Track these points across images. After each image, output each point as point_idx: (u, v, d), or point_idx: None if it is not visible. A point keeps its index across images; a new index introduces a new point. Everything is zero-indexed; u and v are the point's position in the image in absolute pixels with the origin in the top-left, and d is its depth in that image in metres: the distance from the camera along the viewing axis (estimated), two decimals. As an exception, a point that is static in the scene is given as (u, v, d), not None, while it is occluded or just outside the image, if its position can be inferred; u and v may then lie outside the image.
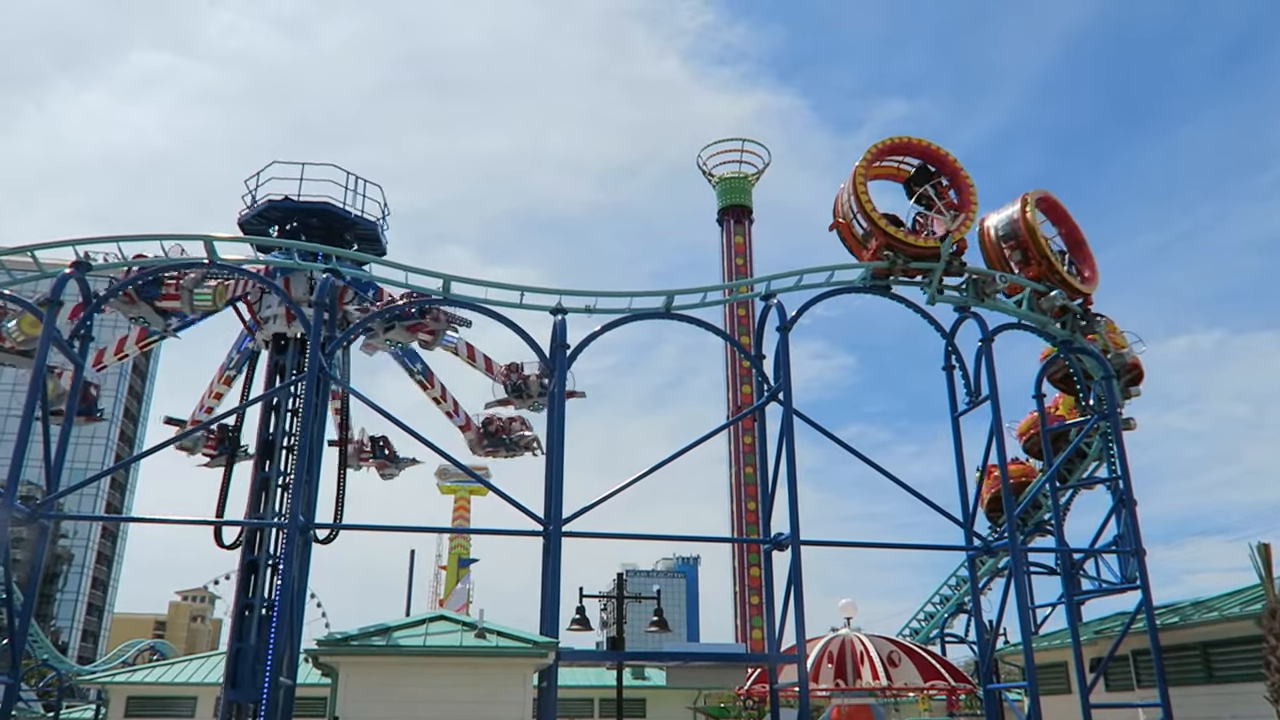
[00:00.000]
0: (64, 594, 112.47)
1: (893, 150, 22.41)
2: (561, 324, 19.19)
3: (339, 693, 14.65)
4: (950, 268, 21.24)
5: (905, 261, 21.09)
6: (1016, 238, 22.45)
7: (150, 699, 35.11)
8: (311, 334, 17.77)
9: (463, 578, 64.90)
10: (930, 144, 22.41)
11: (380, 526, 18.95)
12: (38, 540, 18.41)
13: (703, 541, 24.12)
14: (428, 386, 24.86)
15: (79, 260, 18.22)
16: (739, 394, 52.52)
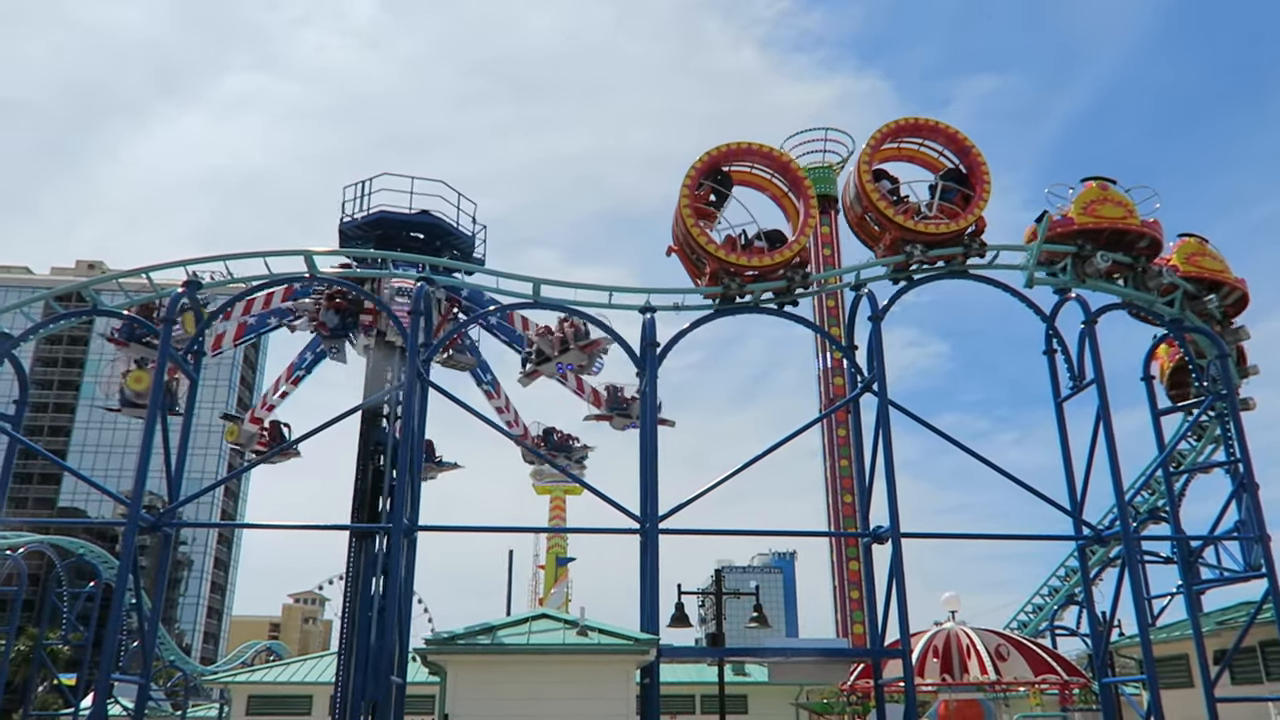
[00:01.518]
0: (185, 598, 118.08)
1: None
2: (650, 322, 19.27)
3: (448, 691, 15.01)
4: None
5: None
6: (860, 203, 20.72)
7: (269, 698, 36.63)
8: (409, 342, 18.24)
9: (561, 577, 65.72)
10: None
11: (480, 528, 19.35)
12: (162, 548, 19.40)
13: (800, 536, 24.04)
14: (494, 396, 25.41)
15: (190, 280, 19.06)
16: (831, 386, 51.83)
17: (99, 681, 16.77)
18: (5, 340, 18.76)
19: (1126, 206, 21.08)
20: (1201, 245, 22.52)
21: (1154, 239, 21.22)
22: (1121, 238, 21.02)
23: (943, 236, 20.09)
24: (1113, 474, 19.41)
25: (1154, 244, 21.29)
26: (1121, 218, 20.82)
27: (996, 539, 22.16)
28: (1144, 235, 21.00)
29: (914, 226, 20.00)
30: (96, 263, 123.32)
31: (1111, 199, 21.02)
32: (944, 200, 20.59)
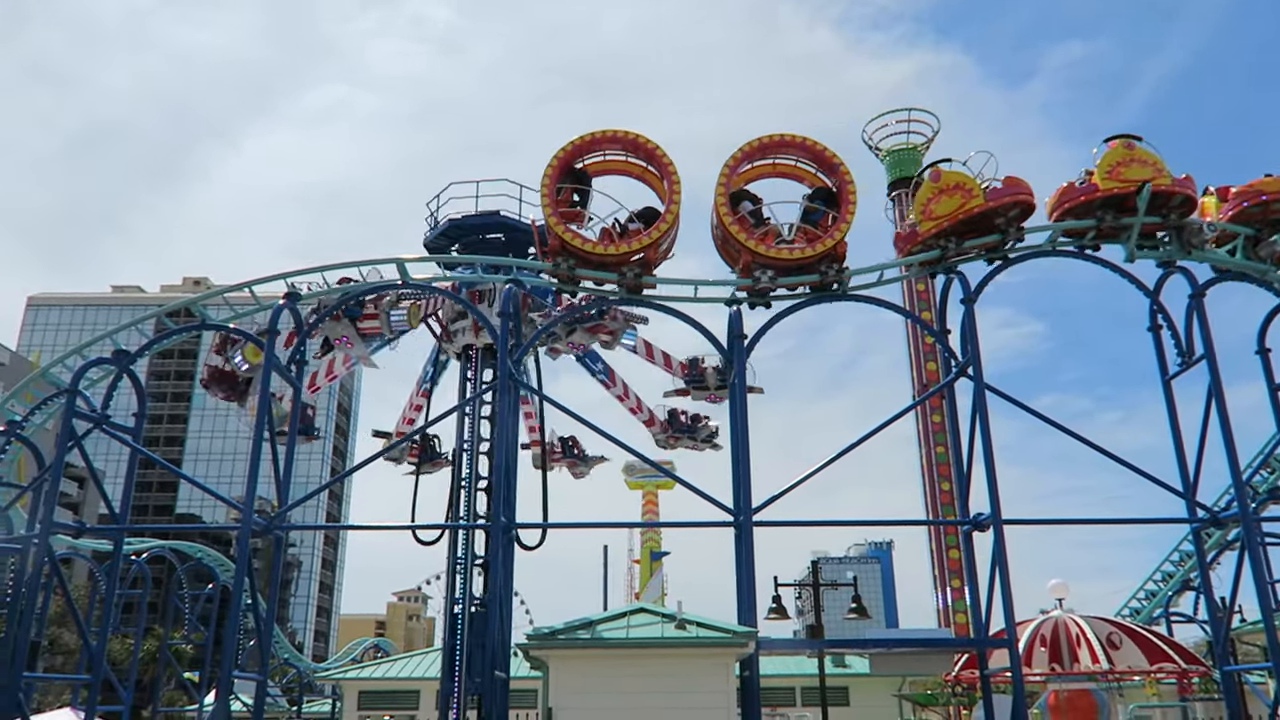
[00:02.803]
0: (296, 598, 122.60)
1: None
2: (737, 314, 19.20)
3: (550, 685, 15.26)
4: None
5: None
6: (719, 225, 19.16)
7: (378, 693, 37.87)
8: (499, 343, 18.58)
9: (656, 571, 66.03)
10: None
11: (577, 524, 19.63)
12: (274, 550, 20.23)
13: (897, 525, 23.60)
14: (610, 385, 25.59)
15: (290, 291, 19.78)
16: (924, 371, 50.83)
17: (221, 679, 17.57)
18: (123, 356, 19.78)
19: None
20: (1128, 150, 19.55)
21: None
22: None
23: (795, 262, 18.69)
24: (1228, 453, 18.54)
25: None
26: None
27: (1104, 524, 21.39)
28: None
29: (764, 251, 18.54)
30: (202, 279, 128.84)
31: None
32: (810, 222, 19.24)
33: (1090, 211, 19.26)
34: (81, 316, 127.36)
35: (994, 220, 18.95)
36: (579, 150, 19.19)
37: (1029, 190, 19.03)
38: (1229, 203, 19.91)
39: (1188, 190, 19.32)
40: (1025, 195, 18.90)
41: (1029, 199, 18.97)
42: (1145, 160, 19.09)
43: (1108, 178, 19.10)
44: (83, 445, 19.54)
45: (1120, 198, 19.10)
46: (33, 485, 20.32)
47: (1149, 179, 18.85)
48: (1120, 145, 19.40)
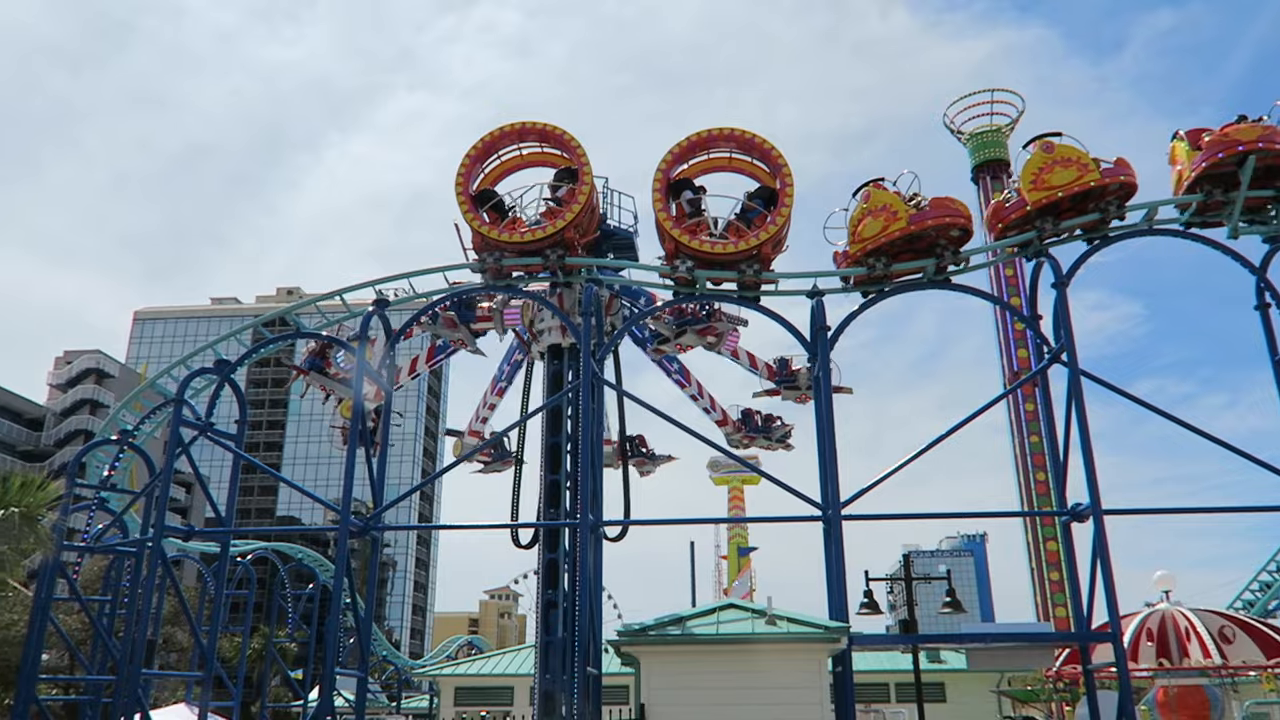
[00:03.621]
0: (392, 597, 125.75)
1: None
2: (819, 306, 19.02)
3: (642, 682, 15.35)
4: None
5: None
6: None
7: (474, 689, 38.60)
8: (583, 343, 18.75)
9: (744, 567, 65.79)
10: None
11: (664, 520, 19.67)
12: (370, 550, 20.80)
13: (991, 518, 22.97)
14: (685, 385, 25.65)
15: (379, 298, 20.30)
16: (1014, 358, 49.52)
17: (324, 675, 18.16)
18: (224, 366, 20.60)
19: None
20: (1047, 154, 18.31)
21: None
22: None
23: (716, 256, 18.61)
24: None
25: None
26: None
27: (1211, 513, 20.55)
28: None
29: (686, 242, 18.58)
30: (294, 288, 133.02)
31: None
32: (746, 220, 18.99)
33: (1029, 223, 18.50)
34: (184, 329, 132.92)
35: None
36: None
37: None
38: (1203, 152, 18.36)
39: (1118, 178, 18.28)
40: (1132, 176, 18.35)
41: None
42: (1069, 159, 18.17)
43: (1033, 188, 18.41)
44: (189, 452, 20.44)
45: (1052, 205, 18.38)
46: (145, 491, 21.32)
47: (1074, 180, 18.06)
48: (1039, 150, 18.48)
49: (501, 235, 18.81)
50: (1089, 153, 18.42)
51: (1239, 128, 18.35)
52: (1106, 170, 18.14)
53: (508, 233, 18.86)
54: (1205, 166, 18.12)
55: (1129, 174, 18.37)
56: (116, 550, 22.15)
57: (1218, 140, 18.21)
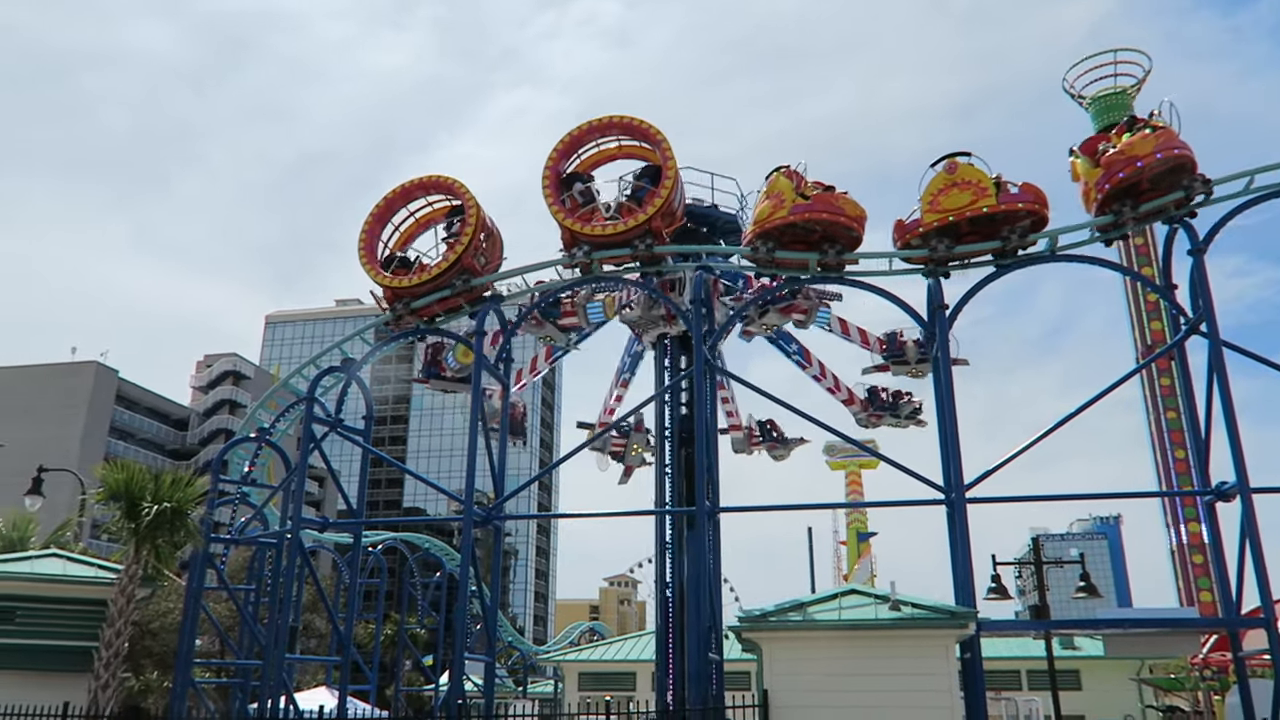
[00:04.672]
0: (515, 585, 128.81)
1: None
2: (936, 284, 18.51)
3: (765, 667, 15.29)
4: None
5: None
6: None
7: (597, 674, 39.22)
8: (693, 330, 18.76)
9: (864, 552, 64.78)
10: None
11: (780, 506, 19.55)
12: (493, 539, 21.36)
13: (1126, 498, 21.91)
14: (806, 365, 25.24)
15: (493, 294, 20.74)
16: (1147, 331, 47.20)
17: (454, 660, 18.78)
18: (350, 364, 21.45)
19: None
20: (948, 175, 18.08)
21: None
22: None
23: (607, 237, 18.95)
24: None
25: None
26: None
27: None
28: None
29: (578, 229, 19.03)
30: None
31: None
32: (637, 199, 19.20)
33: (926, 243, 18.12)
34: (311, 330, 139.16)
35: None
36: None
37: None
38: (1104, 173, 17.76)
39: (1018, 205, 17.73)
40: (1033, 205, 17.98)
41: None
42: (967, 182, 17.86)
43: (929, 209, 18.09)
44: (321, 447, 21.39)
45: (949, 227, 17.93)
46: (282, 485, 22.42)
47: (966, 205, 17.63)
48: (942, 173, 18.14)
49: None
50: (992, 176, 18.01)
51: (1134, 141, 17.56)
52: (1006, 197, 17.79)
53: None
54: (1109, 189, 17.73)
55: (1030, 202, 17.85)
56: (258, 542, 23.37)
57: (1116, 159, 17.64)
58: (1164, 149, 17.17)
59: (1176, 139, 17.35)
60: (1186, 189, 17.45)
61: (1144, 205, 17.71)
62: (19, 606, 18.55)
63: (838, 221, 18.33)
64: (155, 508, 16.94)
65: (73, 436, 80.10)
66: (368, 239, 20.58)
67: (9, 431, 63.66)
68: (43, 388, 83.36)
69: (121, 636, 16.83)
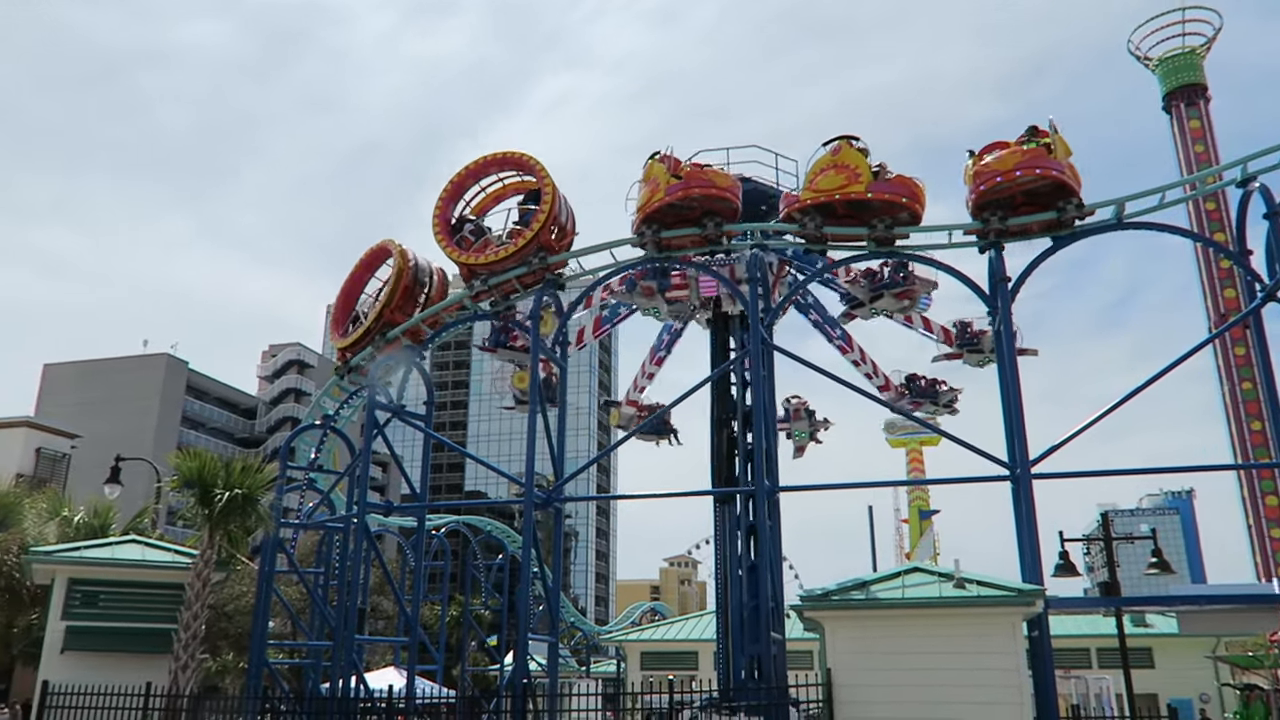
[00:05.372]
0: (576, 566, 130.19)
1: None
2: (998, 257, 18.16)
3: (828, 646, 15.23)
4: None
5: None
6: None
7: (659, 654, 39.45)
8: (750, 309, 18.65)
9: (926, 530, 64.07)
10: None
11: (840, 485, 19.35)
12: (554, 522, 21.57)
13: (1202, 471, 21.44)
14: (847, 350, 25.02)
15: (549, 278, 20.79)
16: (1220, 299, 45.69)
17: (518, 641, 19.03)
18: (411, 350, 21.76)
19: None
20: (832, 156, 18.41)
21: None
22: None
23: (499, 262, 19.85)
24: None
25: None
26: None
27: None
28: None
29: (471, 261, 20.05)
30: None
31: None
32: (525, 222, 20.15)
33: (806, 217, 18.57)
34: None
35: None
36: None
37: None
38: (973, 182, 18.03)
39: (885, 196, 17.99)
40: (902, 198, 18.28)
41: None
42: (844, 165, 18.27)
43: (806, 187, 18.68)
44: (384, 433, 21.76)
45: (825, 205, 18.39)
46: (348, 471, 22.89)
47: (837, 187, 18.07)
48: (827, 154, 18.51)
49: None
50: (871, 165, 18.32)
51: (1003, 155, 17.72)
52: (876, 186, 18.13)
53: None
54: (974, 199, 18.02)
55: (898, 195, 18.14)
56: (326, 526, 23.91)
57: (981, 172, 17.91)
58: (1025, 167, 17.32)
59: (1044, 159, 17.32)
60: (1060, 210, 17.57)
61: (1011, 219, 17.88)
62: (102, 591, 19.27)
63: (710, 194, 18.83)
64: (227, 494, 17.45)
65: (147, 427, 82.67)
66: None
67: (88, 423, 65.97)
68: (117, 380, 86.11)
69: (199, 619, 17.39)
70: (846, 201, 18.33)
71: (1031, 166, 17.34)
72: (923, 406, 25.01)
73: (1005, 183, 17.50)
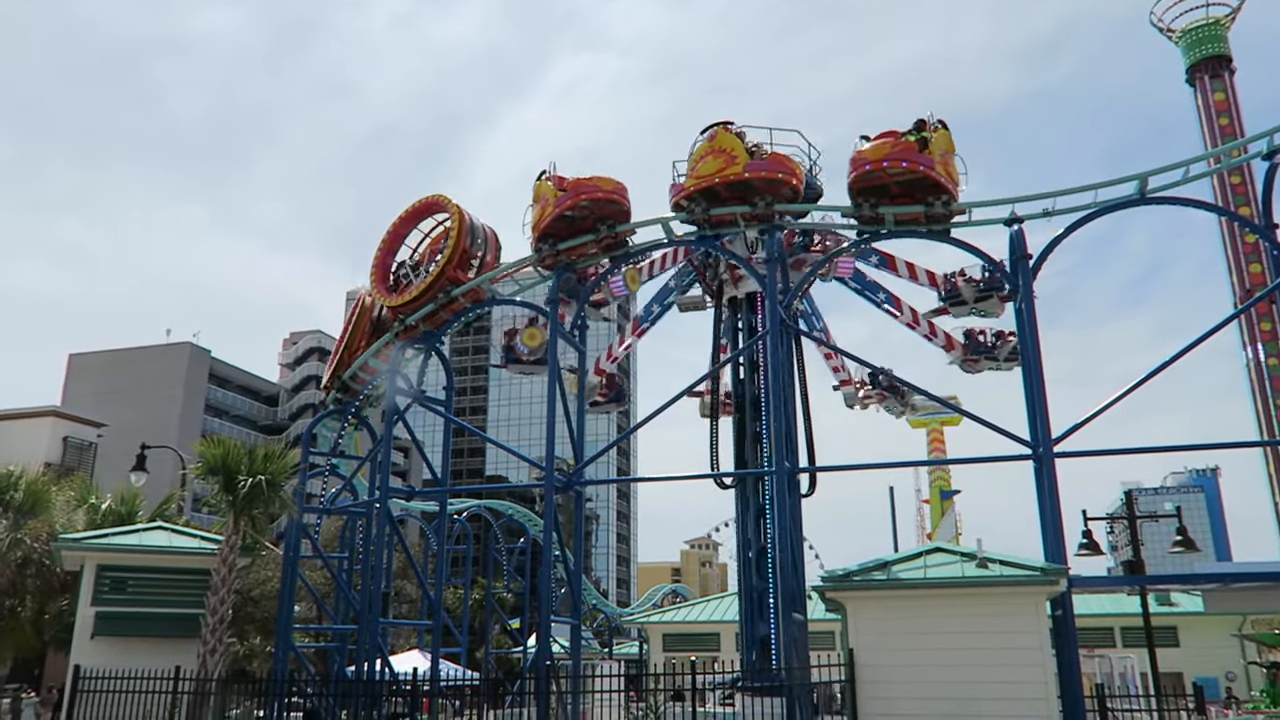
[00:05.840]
0: (597, 549, 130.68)
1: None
2: (1018, 234, 17.98)
3: (850, 627, 15.23)
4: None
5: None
6: None
7: (681, 635, 39.60)
8: (767, 290, 18.58)
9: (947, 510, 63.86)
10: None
11: (860, 465, 19.34)
12: (574, 505, 21.64)
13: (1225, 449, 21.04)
14: (896, 313, 24.43)
15: (566, 262, 20.78)
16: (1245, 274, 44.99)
17: (540, 623, 19.13)
18: (430, 337, 21.82)
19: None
20: (709, 143, 18.87)
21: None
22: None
23: (412, 301, 20.81)
24: None
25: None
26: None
27: None
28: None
29: (393, 303, 21.09)
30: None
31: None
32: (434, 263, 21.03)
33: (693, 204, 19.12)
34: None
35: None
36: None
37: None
38: (849, 167, 18.43)
39: (761, 174, 18.46)
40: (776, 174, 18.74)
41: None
42: (721, 150, 18.70)
43: (689, 174, 19.12)
44: (405, 419, 21.86)
45: (709, 191, 18.90)
46: (369, 457, 23.03)
47: (716, 171, 18.45)
48: (704, 141, 18.91)
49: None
50: (747, 146, 18.73)
51: (877, 145, 18.05)
52: (752, 165, 18.56)
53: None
54: (850, 184, 18.47)
55: (773, 171, 18.61)
56: (349, 511, 24.10)
57: (855, 159, 18.34)
58: (892, 159, 17.72)
59: (913, 153, 17.67)
60: (928, 205, 17.93)
61: (882, 208, 18.31)
62: (130, 577, 19.51)
63: (597, 198, 19.53)
64: (250, 481, 17.60)
65: (171, 415, 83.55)
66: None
67: (113, 412, 66.73)
68: (142, 369, 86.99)
69: (225, 604, 17.60)
70: (727, 184, 18.83)
71: (899, 159, 17.69)
72: (982, 363, 24.30)
73: (874, 171, 17.92)
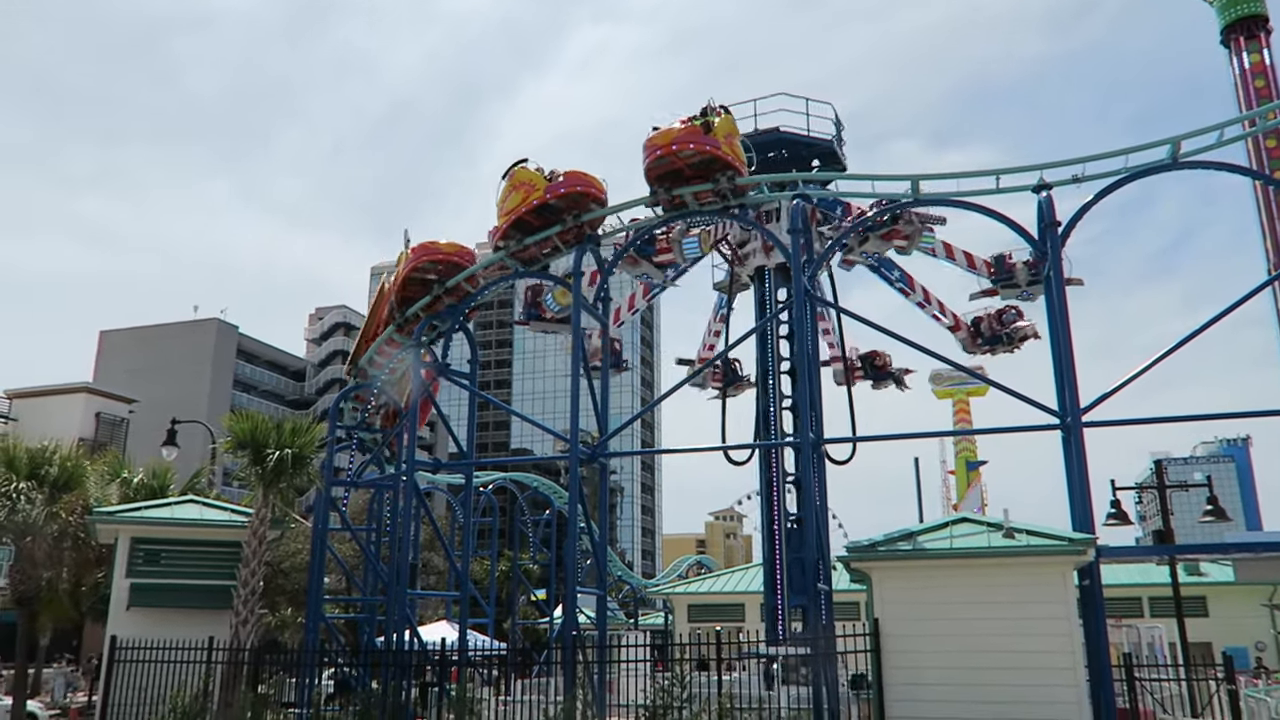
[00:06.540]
0: (622, 521, 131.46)
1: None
2: (1047, 200, 17.70)
3: (875, 597, 15.21)
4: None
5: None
6: None
7: (706, 606, 39.85)
8: (792, 260, 18.44)
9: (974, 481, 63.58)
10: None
11: (887, 436, 19.20)
12: (599, 477, 21.72)
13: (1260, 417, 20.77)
14: (909, 292, 24.52)
15: (590, 234, 20.75)
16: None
17: (566, 595, 19.30)
18: (455, 311, 21.89)
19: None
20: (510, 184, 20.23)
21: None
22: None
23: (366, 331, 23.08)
24: None
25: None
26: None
27: None
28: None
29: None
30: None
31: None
32: None
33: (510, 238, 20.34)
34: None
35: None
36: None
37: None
38: (644, 153, 19.17)
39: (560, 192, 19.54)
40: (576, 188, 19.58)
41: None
42: (521, 183, 19.91)
43: (500, 213, 20.34)
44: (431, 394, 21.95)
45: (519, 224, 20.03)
46: (396, 430, 23.20)
47: (521, 202, 19.65)
48: (506, 183, 20.13)
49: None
50: (543, 174, 19.90)
51: (664, 131, 18.72)
52: (551, 186, 19.71)
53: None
54: (646, 171, 19.18)
55: (573, 187, 19.65)
56: (376, 484, 24.32)
57: (646, 145, 19.05)
58: (680, 142, 18.55)
59: (699, 136, 18.48)
60: (715, 182, 18.73)
61: (675, 189, 19.10)
62: (163, 549, 19.81)
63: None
64: (278, 454, 17.78)
65: (201, 391, 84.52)
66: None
67: (144, 388, 67.62)
68: (171, 346, 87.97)
69: (256, 575, 17.84)
70: (532, 210, 19.80)
71: (686, 141, 18.51)
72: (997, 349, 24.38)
73: (665, 155, 18.69)
